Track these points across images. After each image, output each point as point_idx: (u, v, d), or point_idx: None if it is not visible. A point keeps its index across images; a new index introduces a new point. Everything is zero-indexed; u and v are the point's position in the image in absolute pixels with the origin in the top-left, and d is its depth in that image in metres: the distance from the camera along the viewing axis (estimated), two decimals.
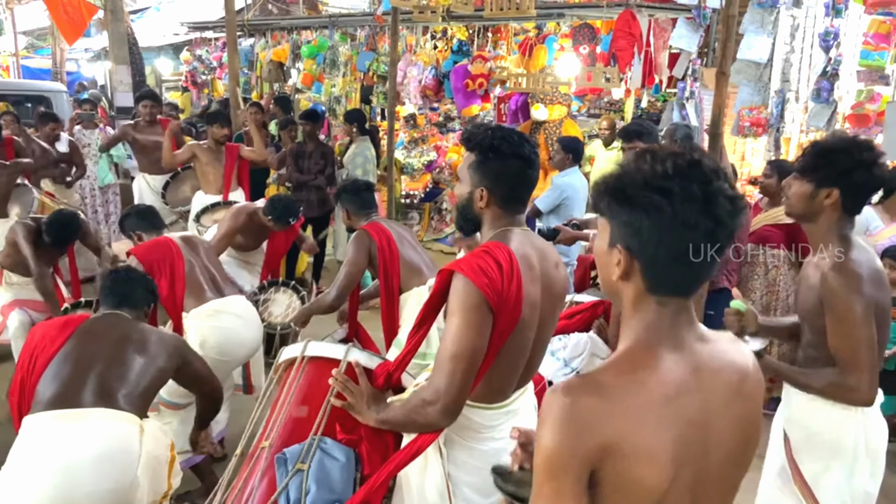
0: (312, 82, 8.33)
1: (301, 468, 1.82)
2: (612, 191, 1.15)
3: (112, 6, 9.91)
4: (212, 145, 5.66)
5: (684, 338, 1.15)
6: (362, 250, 3.29)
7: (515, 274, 1.66)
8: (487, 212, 1.80)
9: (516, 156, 1.75)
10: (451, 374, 1.63)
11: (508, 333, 1.68)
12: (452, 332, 1.65)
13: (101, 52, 14.86)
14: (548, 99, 7.11)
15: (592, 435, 1.04)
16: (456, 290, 1.67)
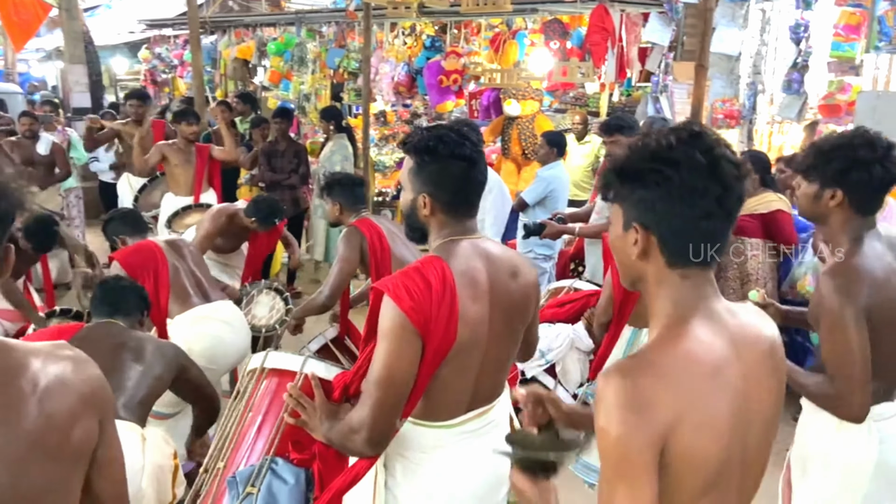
0: (280, 80, 8.18)
1: (251, 492, 1.76)
2: (620, 173, 1.19)
3: (67, 4, 9.59)
4: (181, 145, 5.50)
5: (714, 309, 1.17)
6: (354, 247, 3.23)
7: (448, 294, 1.55)
8: (433, 219, 1.68)
9: (455, 157, 1.62)
10: (374, 403, 1.54)
11: (442, 357, 1.58)
12: (377, 358, 1.56)
13: (53, 51, 14.39)
14: (520, 94, 7.12)
15: (658, 413, 1.05)
16: (382, 313, 1.56)
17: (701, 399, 1.08)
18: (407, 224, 1.75)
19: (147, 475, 2.07)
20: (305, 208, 6.68)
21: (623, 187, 1.18)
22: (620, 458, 1.06)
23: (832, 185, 1.92)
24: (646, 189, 1.14)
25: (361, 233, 3.26)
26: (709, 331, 1.14)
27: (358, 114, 8.64)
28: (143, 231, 3.42)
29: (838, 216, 1.95)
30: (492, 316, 1.65)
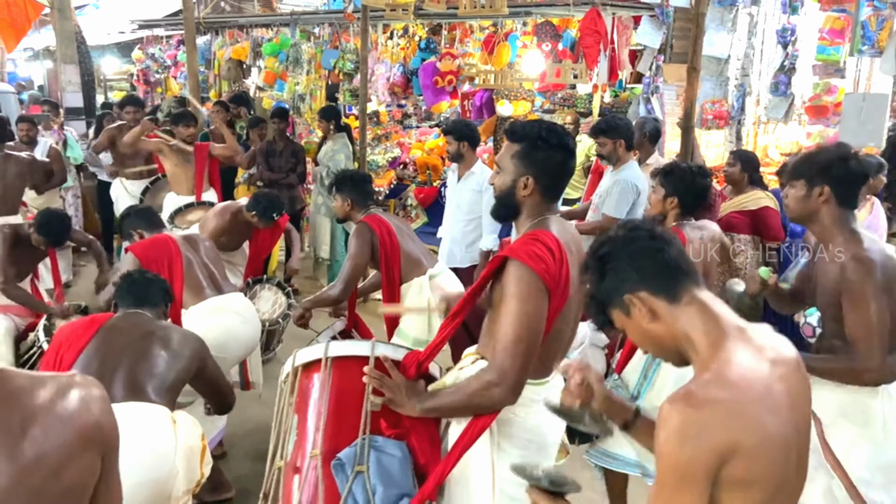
0: (275, 80, 8.25)
1: (360, 470, 1.83)
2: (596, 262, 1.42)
3: (59, 4, 9.59)
4: (180, 146, 5.58)
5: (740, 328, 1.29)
6: (365, 242, 3.33)
7: (564, 258, 1.78)
8: (529, 199, 1.91)
9: (561, 147, 1.88)
10: (516, 355, 1.72)
11: (558, 313, 1.79)
12: (514, 316, 1.73)
13: (41, 51, 14.34)
14: (512, 95, 7.25)
15: (715, 442, 1.14)
16: (515, 277, 1.76)
17: (755, 424, 1.17)
18: (499, 202, 1.96)
19: (179, 456, 2.16)
20: (302, 207, 6.78)
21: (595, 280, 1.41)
22: (677, 480, 1.16)
23: (819, 183, 2.18)
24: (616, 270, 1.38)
25: (371, 229, 3.36)
26: (748, 353, 1.24)
27: (351, 114, 8.73)
28: (159, 226, 3.52)
29: (827, 212, 2.20)
30: (577, 289, 1.86)
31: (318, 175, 6.22)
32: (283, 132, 6.48)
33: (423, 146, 8.52)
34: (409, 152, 8.38)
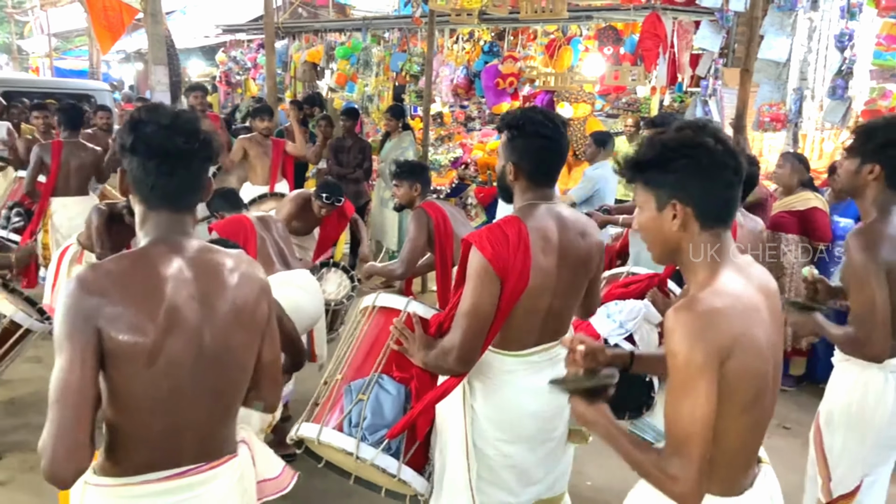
0: (346, 82, 8.70)
1: (362, 398, 2.17)
2: (652, 163, 1.46)
3: (152, 9, 10.32)
4: (259, 139, 6.03)
5: (737, 261, 1.49)
6: (422, 226, 3.63)
7: (522, 246, 1.92)
8: (517, 185, 2.04)
9: (539, 134, 1.98)
10: (462, 329, 1.93)
11: (517, 297, 1.94)
12: (465, 294, 1.94)
13: (133, 54, 15.36)
14: (572, 97, 7.44)
15: (717, 338, 1.34)
16: (470, 259, 1.96)
17: (748, 328, 1.37)
18: (498, 185, 2.15)
19: None
20: (367, 202, 7.15)
21: (654, 174, 1.45)
22: (687, 375, 1.34)
23: (871, 160, 2.20)
24: (678, 171, 1.42)
25: (428, 214, 3.66)
26: (740, 278, 1.44)
27: (416, 115, 9.09)
28: (239, 207, 3.90)
29: (873, 190, 2.22)
30: (559, 267, 2.01)
31: (384, 170, 6.55)
32: (352, 130, 6.85)
33: (484, 147, 8.78)
34: (471, 153, 8.66)
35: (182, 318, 1.42)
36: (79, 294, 1.37)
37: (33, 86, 9.71)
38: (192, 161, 1.48)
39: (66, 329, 1.36)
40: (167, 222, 1.51)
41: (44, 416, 1.37)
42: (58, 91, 9.15)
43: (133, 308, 1.38)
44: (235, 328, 1.51)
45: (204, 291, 1.47)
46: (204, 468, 1.52)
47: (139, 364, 1.39)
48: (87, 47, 15.47)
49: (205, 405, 1.50)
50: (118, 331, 1.36)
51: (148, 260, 1.46)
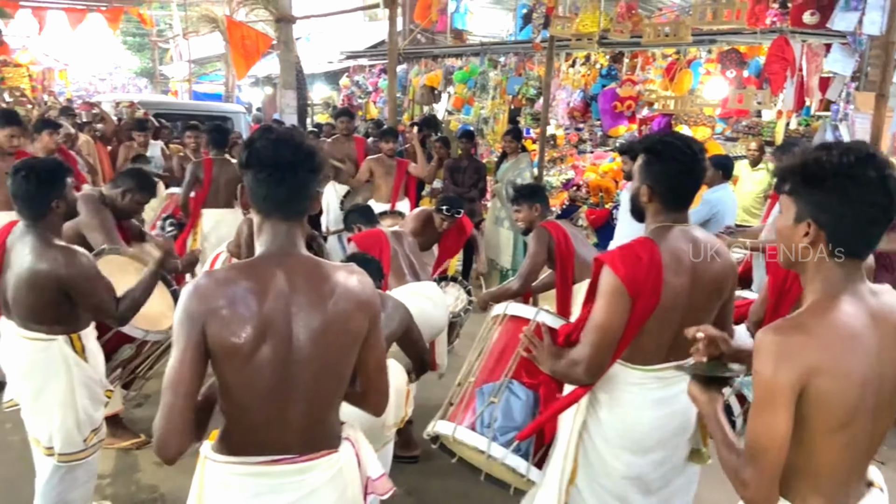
0: (463, 105, 8.99)
1: (493, 401, 2.31)
2: (803, 175, 1.46)
3: (284, 37, 11.13)
4: (384, 160, 6.38)
5: (859, 290, 1.49)
6: (542, 244, 3.77)
7: (655, 267, 1.99)
8: (650, 207, 2.12)
9: (676, 160, 2.05)
10: (591, 342, 2.03)
11: (647, 315, 2.01)
12: (596, 310, 2.03)
13: (262, 78, 16.48)
14: (691, 121, 7.35)
15: (800, 361, 1.37)
16: (602, 276, 2.04)
17: (839, 355, 1.38)
18: (631, 205, 2.23)
19: (392, 393, 2.69)
20: (480, 220, 7.34)
21: (802, 186, 1.45)
22: (767, 394, 1.40)
23: None
24: (825, 193, 1.42)
25: (549, 233, 3.79)
26: (852, 306, 1.44)
27: (528, 137, 9.25)
28: (374, 221, 4.20)
29: None
30: (692, 288, 2.07)
31: (501, 191, 6.72)
32: (468, 151, 7.10)
33: (596, 169, 8.80)
34: (583, 175, 8.71)
35: (276, 323, 1.59)
36: (191, 298, 1.58)
37: (178, 108, 10.66)
38: (297, 171, 1.63)
39: (178, 328, 1.58)
40: (279, 231, 1.67)
41: None
42: (199, 113, 9.99)
43: (234, 312, 1.56)
44: (328, 336, 1.64)
45: (300, 301, 1.62)
46: (301, 459, 1.68)
47: (237, 362, 1.58)
48: (222, 72, 16.75)
49: (299, 403, 1.65)
50: (221, 332, 1.55)
51: (255, 270, 1.64)
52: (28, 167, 2.68)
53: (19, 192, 2.65)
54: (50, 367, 2.74)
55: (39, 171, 2.68)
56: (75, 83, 27.03)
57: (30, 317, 2.70)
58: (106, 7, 14.66)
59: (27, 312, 2.69)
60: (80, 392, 2.79)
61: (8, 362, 2.85)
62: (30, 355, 2.74)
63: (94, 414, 2.88)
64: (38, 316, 2.69)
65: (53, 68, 20.29)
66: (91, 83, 30.33)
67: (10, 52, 12.41)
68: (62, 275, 2.59)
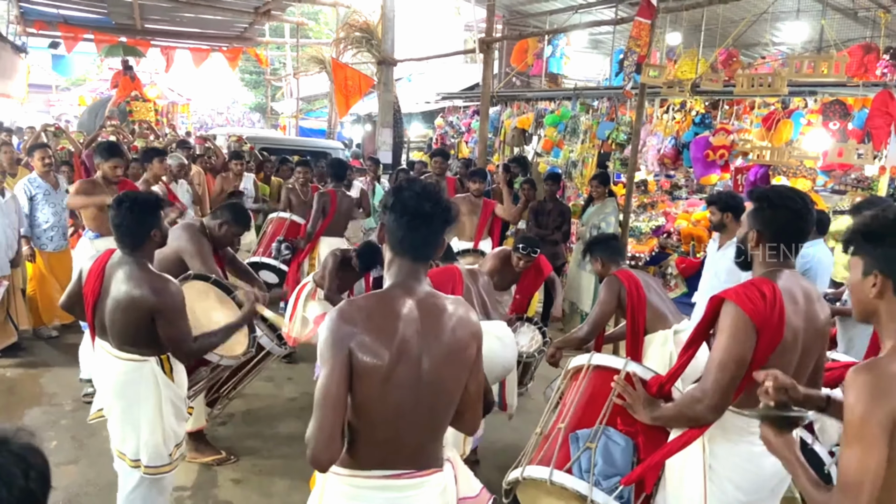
0: (552, 147, 9.05)
1: (590, 447, 2.33)
2: (866, 233, 1.63)
3: (385, 78, 11.66)
4: (471, 199, 6.53)
5: None
6: (613, 293, 3.76)
7: (778, 303, 2.03)
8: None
9: (786, 206, 2.14)
10: (717, 378, 2.05)
11: (771, 351, 2.04)
12: (721, 345, 2.06)
13: (363, 116, 17.20)
14: (790, 172, 7.09)
15: (892, 400, 1.45)
16: (726, 313, 2.08)
17: None
18: (737, 254, 2.30)
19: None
20: (563, 263, 7.33)
21: (867, 244, 1.61)
22: (860, 429, 1.47)
23: None
24: (885, 246, 1.58)
25: (620, 281, 3.77)
26: None
27: (619, 181, 9.17)
28: (452, 258, 4.32)
29: None
30: (805, 331, 2.12)
31: (585, 234, 6.72)
32: (554, 194, 7.14)
33: (689, 217, 8.60)
34: (675, 222, 8.52)
35: (409, 348, 1.77)
36: (338, 322, 1.77)
37: (282, 143, 11.29)
38: (433, 221, 1.83)
39: (328, 348, 1.75)
40: (407, 269, 1.87)
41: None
42: (302, 149, 10.56)
43: (375, 336, 1.75)
44: (448, 362, 1.82)
45: (427, 329, 1.80)
46: (415, 474, 1.85)
47: (375, 381, 1.75)
48: (326, 110, 17.60)
49: (419, 422, 1.82)
50: (363, 353, 1.74)
51: (388, 299, 1.83)
52: (130, 200, 2.87)
53: (122, 222, 2.84)
54: (141, 386, 2.91)
55: (141, 203, 2.87)
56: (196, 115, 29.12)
57: (125, 339, 2.87)
58: (227, 47, 15.87)
59: (123, 335, 2.87)
60: (167, 409, 2.96)
61: (101, 379, 3.06)
62: (123, 375, 2.91)
63: (178, 429, 3.06)
64: (133, 338, 2.86)
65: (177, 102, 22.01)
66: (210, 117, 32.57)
67: (142, 88, 13.57)
68: (153, 301, 2.76)
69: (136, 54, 14.08)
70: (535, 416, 2.94)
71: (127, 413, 2.95)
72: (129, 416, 2.95)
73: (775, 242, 2.16)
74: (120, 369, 2.92)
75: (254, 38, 16.14)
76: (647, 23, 5.90)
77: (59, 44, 14.33)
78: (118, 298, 2.81)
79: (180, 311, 2.87)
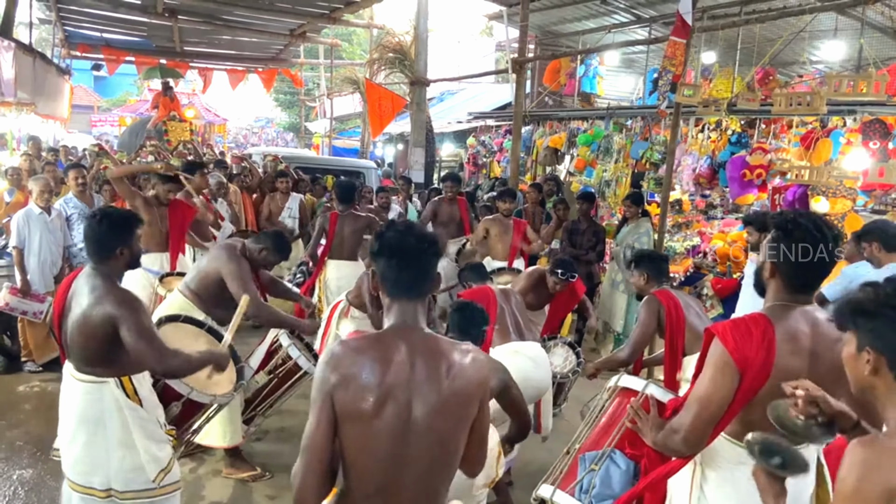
0: (585, 167, 9.03)
1: (594, 469, 2.37)
2: (856, 311, 1.58)
3: (418, 99, 11.77)
4: (501, 219, 6.53)
5: None
6: (653, 313, 3.72)
7: (766, 344, 1.96)
8: (771, 282, 2.12)
9: (805, 241, 2.02)
10: (693, 413, 2.02)
11: (754, 392, 1.97)
12: (702, 380, 2.04)
13: (395, 136, 17.38)
14: (830, 192, 6.96)
15: (884, 478, 1.39)
16: (711, 348, 2.05)
17: None
18: (755, 280, 2.23)
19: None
20: (598, 282, 7.28)
21: (857, 320, 1.58)
22: (846, 501, 1.43)
23: None
24: (878, 323, 1.53)
25: (660, 301, 3.73)
26: None
27: (653, 201, 9.10)
28: (485, 279, 4.33)
29: None
30: (810, 371, 2.00)
31: (619, 254, 6.66)
32: (587, 213, 7.11)
33: (725, 237, 8.47)
34: (710, 242, 8.41)
35: (396, 394, 1.70)
36: (324, 365, 1.74)
37: (316, 163, 11.46)
38: (420, 258, 1.80)
39: (314, 389, 1.74)
40: (403, 310, 1.81)
41: None
42: (335, 168, 10.69)
43: (360, 380, 1.70)
44: (443, 412, 1.73)
45: (420, 374, 1.73)
46: None
47: (359, 426, 1.70)
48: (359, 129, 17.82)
49: (414, 474, 1.74)
50: (346, 397, 1.69)
51: (381, 343, 1.78)
52: (102, 213, 2.85)
53: (91, 234, 2.80)
54: (104, 410, 2.76)
55: (113, 218, 2.83)
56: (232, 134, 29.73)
57: (83, 358, 2.76)
58: (263, 68, 16.20)
59: (82, 353, 2.75)
60: (137, 433, 2.81)
61: (64, 406, 2.87)
62: (83, 397, 2.77)
63: (158, 454, 2.88)
64: (91, 358, 2.74)
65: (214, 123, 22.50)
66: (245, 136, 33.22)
67: (180, 108, 13.90)
68: (113, 311, 2.64)
69: (175, 76, 14.44)
70: (569, 437, 2.92)
71: (93, 439, 2.79)
72: (95, 442, 2.79)
73: (789, 276, 2.06)
74: (80, 391, 2.79)
75: (289, 60, 16.44)
76: (682, 42, 5.88)
77: (102, 66, 14.78)
78: (78, 313, 2.72)
79: (145, 318, 2.74)
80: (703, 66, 9.76)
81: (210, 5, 10.85)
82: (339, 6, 10.73)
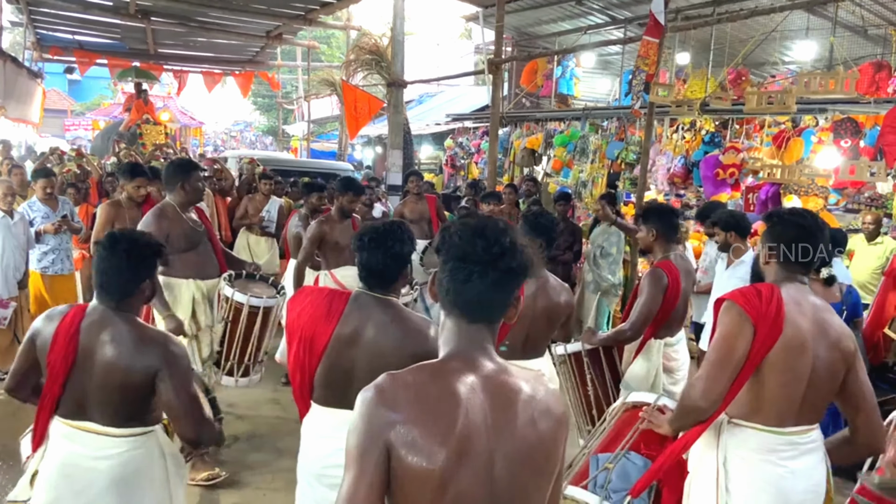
0: (562, 168, 9.03)
1: (608, 467, 2.39)
2: None
3: (395, 101, 11.70)
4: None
5: None
6: (660, 289, 3.50)
7: (775, 300, 2.06)
8: (768, 268, 2.25)
9: (795, 223, 2.19)
10: (711, 362, 2.09)
11: (768, 347, 2.04)
12: (717, 338, 2.12)
13: (374, 138, 17.32)
14: (802, 190, 7.02)
15: None
16: (723, 311, 2.14)
17: None
18: (753, 269, 2.38)
19: None
20: (574, 283, 7.26)
21: None
22: None
23: None
24: None
25: (666, 276, 3.53)
26: None
27: (629, 201, 9.13)
28: None
29: None
30: (819, 338, 2.10)
31: (591, 254, 6.65)
32: (564, 214, 7.08)
33: (700, 237, 8.54)
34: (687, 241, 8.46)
35: (474, 447, 1.27)
36: (374, 404, 1.28)
37: (292, 165, 11.36)
38: (488, 269, 1.33)
39: (357, 440, 1.28)
40: (464, 334, 1.36)
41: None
42: (312, 170, 10.60)
43: (425, 428, 1.26)
44: (528, 466, 1.33)
45: (498, 420, 1.30)
46: None
47: (426, 492, 1.25)
48: (337, 132, 17.73)
49: None
50: (408, 452, 1.24)
51: (444, 375, 1.32)
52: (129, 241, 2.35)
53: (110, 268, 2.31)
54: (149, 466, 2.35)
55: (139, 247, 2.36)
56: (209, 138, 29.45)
57: (125, 414, 2.30)
58: (239, 71, 16.05)
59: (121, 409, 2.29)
60: (174, 481, 2.43)
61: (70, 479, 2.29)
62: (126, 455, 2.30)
63: None
64: (134, 412, 2.31)
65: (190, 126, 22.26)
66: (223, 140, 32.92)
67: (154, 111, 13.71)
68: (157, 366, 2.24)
69: (150, 78, 14.25)
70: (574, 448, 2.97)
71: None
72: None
73: (785, 256, 2.20)
74: (118, 449, 2.29)
75: (265, 62, 16.31)
76: (654, 41, 5.89)
77: (75, 69, 14.56)
78: (110, 364, 2.24)
79: (191, 375, 2.36)
80: (678, 66, 9.83)
81: (184, 6, 10.72)
82: (314, 7, 10.65)
